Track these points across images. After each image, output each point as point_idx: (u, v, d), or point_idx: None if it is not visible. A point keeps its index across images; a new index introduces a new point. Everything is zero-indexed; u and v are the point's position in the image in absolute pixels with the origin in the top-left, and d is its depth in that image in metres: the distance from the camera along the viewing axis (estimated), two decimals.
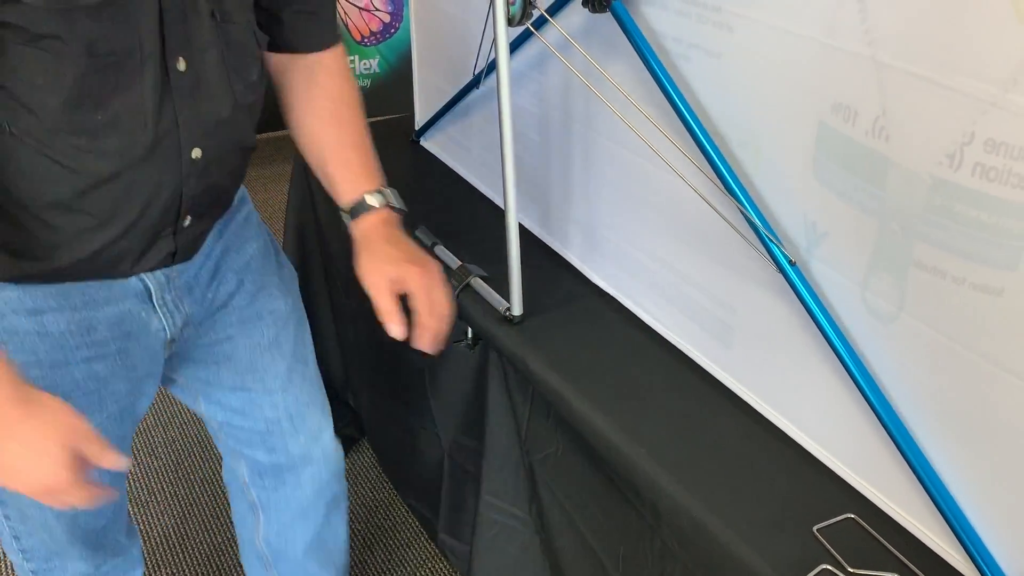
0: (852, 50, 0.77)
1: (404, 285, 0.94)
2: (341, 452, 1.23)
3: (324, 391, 1.20)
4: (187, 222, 0.91)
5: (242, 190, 1.06)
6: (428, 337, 0.94)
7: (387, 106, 1.81)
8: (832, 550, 0.87)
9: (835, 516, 0.91)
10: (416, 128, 1.78)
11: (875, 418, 0.88)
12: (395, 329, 0.93)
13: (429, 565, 1.73)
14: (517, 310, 1.21)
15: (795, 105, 0.86)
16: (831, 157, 0.84)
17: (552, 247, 1.41)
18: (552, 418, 1.19)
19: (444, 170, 1.73)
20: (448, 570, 1.73)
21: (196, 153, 0.86)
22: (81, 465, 0.75)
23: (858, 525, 0.91)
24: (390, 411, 1.72)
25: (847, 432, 0.94)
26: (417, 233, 1.43)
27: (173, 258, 0.93)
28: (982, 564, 0.81)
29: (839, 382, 0.91)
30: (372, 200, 0.99)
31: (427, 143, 1.75)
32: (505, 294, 1.22)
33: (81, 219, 0.83)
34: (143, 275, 0.92)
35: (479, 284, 1.29)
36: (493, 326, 1.23)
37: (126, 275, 0.91)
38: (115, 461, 0.78)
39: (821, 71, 0.81)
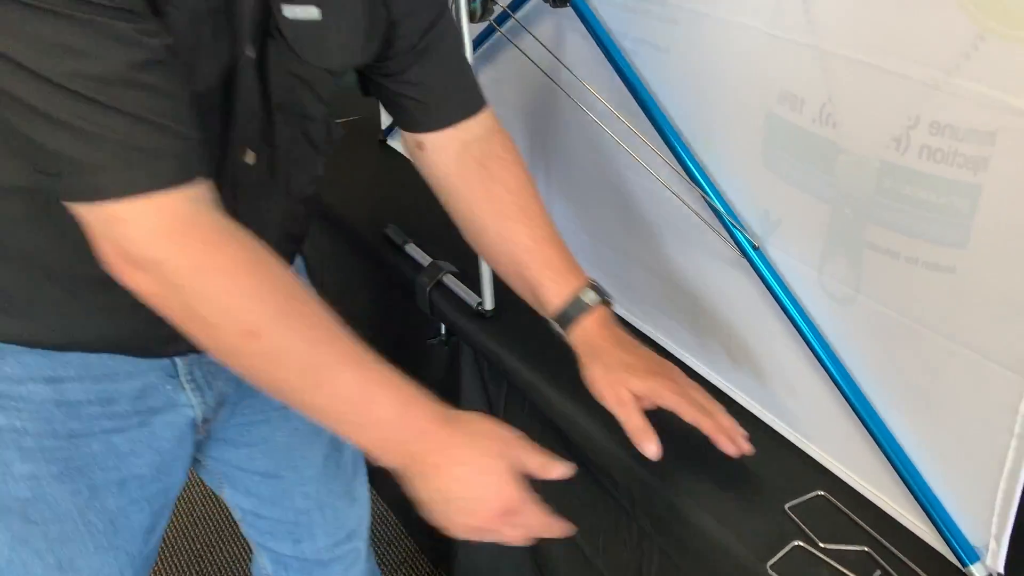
0: (796, 39, 0.79)
1: (655, 401, 0.84)
2: (372, 552, 1.16)
3: (363, 479, 1.12)
4: None
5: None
6: (728, 442, 0.84)
7: (353, 107, 1.82)
8: (804, 526, 0.89)
9: (805, 494, 0.93)
10: (383, 128, 1.79)
11: (840, 396, 0.90)
12: (652, 449, 0.82)
13: (411, 562, 1.74)
14: (489, 304, 1.22)
15: (743, 96, 0.87)
16: (781, 146, 0.85)
17: None
18: (527, 408, 1.20)
19: (412, 169, 1.74)
20: (429, 567, 1.74)
21: None
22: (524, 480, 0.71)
23: (828, 502, 0.93)
24: None
25: (814, 412, 0.96)
26: (387, 232, 1.44)
27: None
28: (947, 533, 0.84)
29: (805, 363, 0.93)
30: (587, 298, 0.87)
31: (395, 143, 1.76)
32: (477, 289, 1.24)
33: (125, 297, 0.76)
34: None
35: (451, 280, 1.30)
36: (466, 321, 1.24)
37: (156, 356, 0.84)
38: (561, 470, 0.75)
39: (766, 61, 0.83)
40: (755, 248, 0.93)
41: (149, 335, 0.79)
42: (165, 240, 0.64)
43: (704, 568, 0.94)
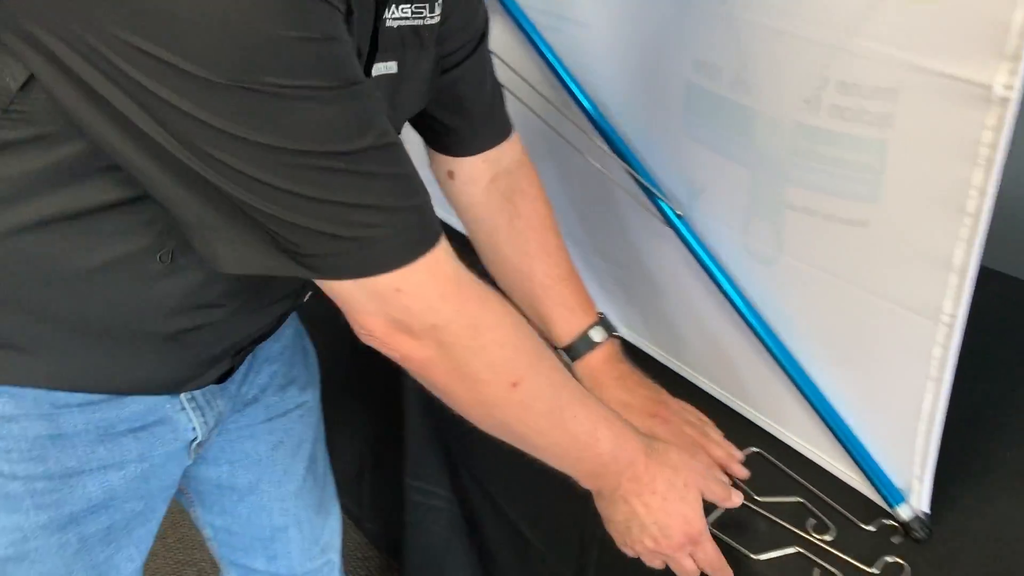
0: (709, 8, 0.81)
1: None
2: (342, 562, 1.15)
3: (333, 490, 1.11)
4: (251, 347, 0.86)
5: None
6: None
7: None
8: (740, 483, 0.92)
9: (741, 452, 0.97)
10: None
11: (769, 355, 0.93)
12: None
13: (362, 552, 1.74)
14: None
15: (661, 66, 0.90)
16: (700, 114, 0.88)
17: (452, 226, 1.42)
18: None
19: None
20: (379, 558, 1.74)
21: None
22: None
23: (763, 458, 0.96)
24: None
25: (745, 372, 0.99)
26: None
27: (222, 378, 0.84)
28: (874, 478, 0.87)
29: (732, 326, 0.96)
30: (595, 336, 0.94)
31: None
32: None
33: (181, 348, 0.76)
34: None
35: None
36: None
37: (171, 394, 0.81)
38: (739, 499, 0.81)
39: (681, 31, 0.85)
40: (679, 216, 0.95)
41: (180, 377, 0.79)
42: (444, 305, 0.64)
43: None
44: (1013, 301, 1.20)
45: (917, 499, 0.85)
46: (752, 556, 0.84)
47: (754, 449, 0.97)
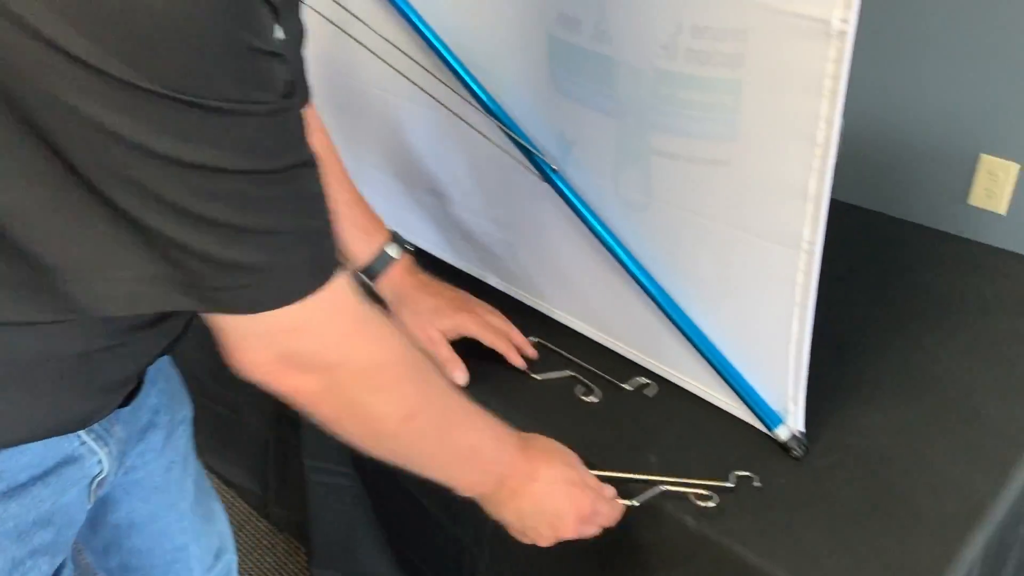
0: None
1: (460, 333, 0.95)
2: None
3: (214, 492, 1.05)
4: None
5: None
6: (516, 356, 0.99)
7: None
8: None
9: None
10: None
11: (649, 299, 0.96)
12: (460, 376, 0.96)
13: (267, 540, 1.71)
14: None
15: (524, 23, 0.91)
16: (565, 67, 0.89)
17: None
18: None
19: None
20: (285, 543, 1.72)
21: None
22: None
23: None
24: (211, 395, 1.67)
25: (629, 317, 1.02)
26: None
27: (128, 398, 0.78)
28: (753, 405, 0.92)
29: (614, 274, 0.99)
30: (392, 252, 0.96)
31: None
32: None
33: (95, 384, 0.70)
34: None
35: None
36: None
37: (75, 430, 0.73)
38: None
39: None
40: (555, 171, 0.97)
41: (88, 410, 0.72)
42: (343, 343, 0.60)
43: None
44: (867, 232, 1.28)
45: (793, 420, 0.91)
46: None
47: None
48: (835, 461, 0.89)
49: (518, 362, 1.00)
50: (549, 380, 1.02)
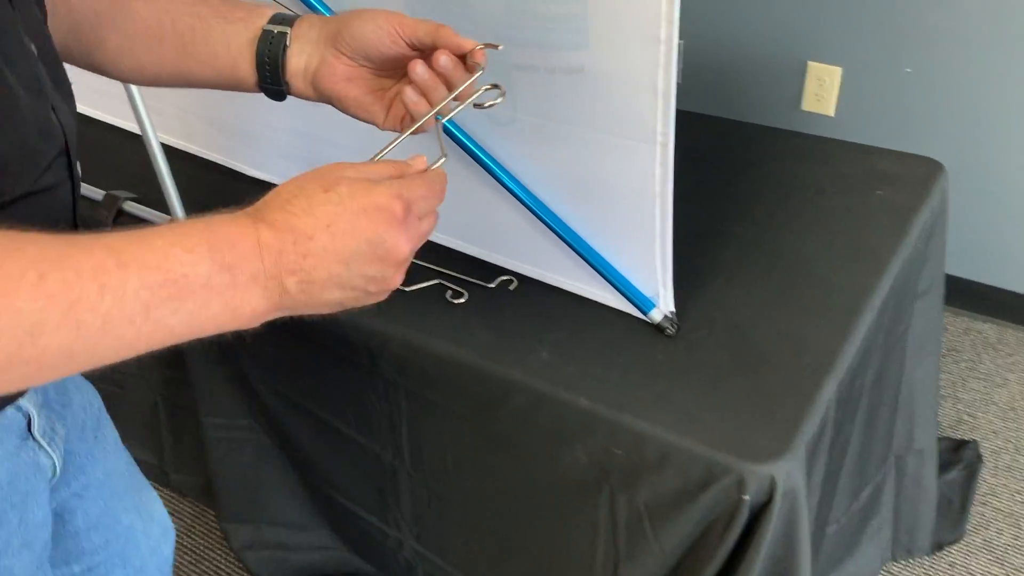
0: None
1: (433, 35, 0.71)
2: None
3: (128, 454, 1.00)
4: None
5: None
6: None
7: None
8: None
9: None
10: None
11: (527, 210, 1.02)
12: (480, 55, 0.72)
13: (171, 508, 1.70)
14: (181, 214, 1.20)
15: None
16: None
17: (197, 154, 1.39)
18: None
19: None
20: (191, 506, 1.71)
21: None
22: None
23: None
24: (91, 375, 1.63)
25: (510, 230, 1.08)
26: None
27: None
28: (628, 294, 1.01)
29: (491, 191, 1.04)
30: (277, 28, 0.72)
31: None
32: (164, 208, 1.21)
33: None
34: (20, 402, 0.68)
35: (135, 207, 1.26)
36: None
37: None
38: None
39: None
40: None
41: None
42: None
43: (452, 389, 1.04)
44: (717, 136, 1.39)
45: (664, 303, 0.99)
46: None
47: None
48: (704, 334, 0.99)
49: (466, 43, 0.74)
50: (419, 290, 1.08)
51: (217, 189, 1.33)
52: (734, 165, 1.29)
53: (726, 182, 1.25)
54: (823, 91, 1.97)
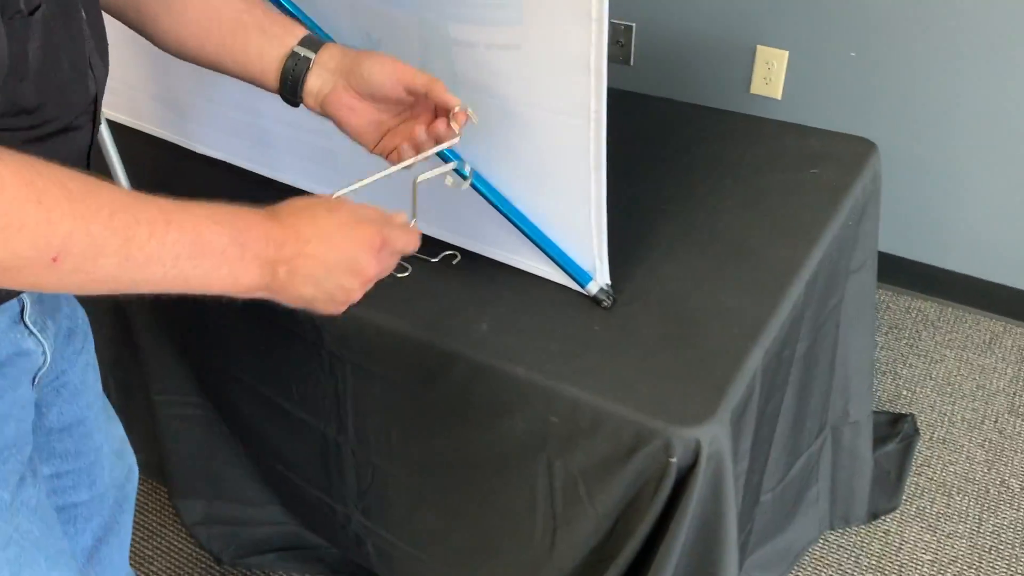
0: None
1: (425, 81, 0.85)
2: None
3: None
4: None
5: None
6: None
7: None
8: None
9: None
10: None
11: (469, 187, 1.04)
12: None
13: None
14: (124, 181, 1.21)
15: None
16: None
17: (145, 130, 1.40)
18: None
19: None
20: (143, 483, 1.72)
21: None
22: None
23: None
24: None
25: (451, 206, 1.10)
26: None
27: None
28: (567, 268, 1.03)
29: (427, 163, 1.06)
30: (304, 52, 0.86)
31: None
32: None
33: None
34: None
35: None
36: None
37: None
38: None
39: None
40: None
41: None
42: None
43: (395, 361, 1.06)
44: (662, 117, 1.42)
45: (601, 276, 1.02)
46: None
47: None
48: (639, 307, 1.02)
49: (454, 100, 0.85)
50: None
51: (164, 166, 1.34)
52: (676, 145, 1.32)
53: (667, 161, 1.28)
54: (771, 74, 2.01)
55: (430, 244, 1.13)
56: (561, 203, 1.00)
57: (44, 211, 0.55)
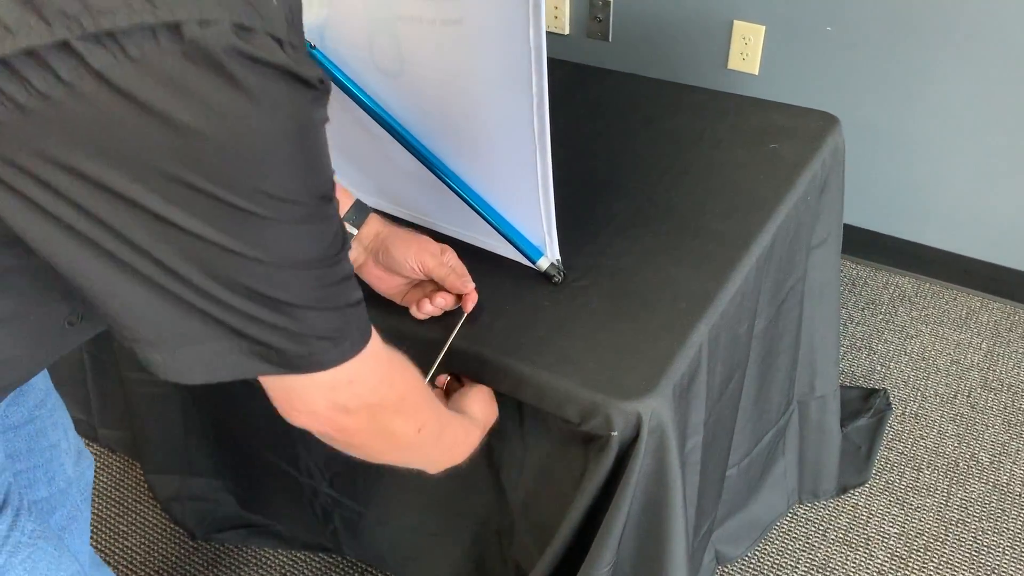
0: None
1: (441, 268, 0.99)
2: None
3: None
4: None
5: None
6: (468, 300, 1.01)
7: None
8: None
9: None
10: None
11: (421, 163, 1.05)
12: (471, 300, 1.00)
13: (100, 462, 1.72)
14: None
15: None
16: None
17: None
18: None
19: None
20: (118, 460, 1.73)
21: None
22: None
23: None
24: None
25: (392, 179, 1.10)
26: None
27: None
28: (519, 244, 1.03)
29: (382, 141, 1.06)
30: (357, 216, 0.98)
31: None
32: None
33: None
34: None
35: None
36: None
37: None
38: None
39: None
40: (313, 47, 1.02)
41: None
42: (382, 386, 0.70)
43: None
44: (623, 92, 1.41)
45: (551, 251, 1.03)
46: None
47: None
48: (589, 282, 1.02)
49: (462, 289, 1.00)
50: None
51: None
52: (637, 121, 1.32)
53: (627, 137, 1.28)
54: (748, 50, 2.00)
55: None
56: (509, 178, 1.00)
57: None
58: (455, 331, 0.97)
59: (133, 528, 1.63)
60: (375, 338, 0.68)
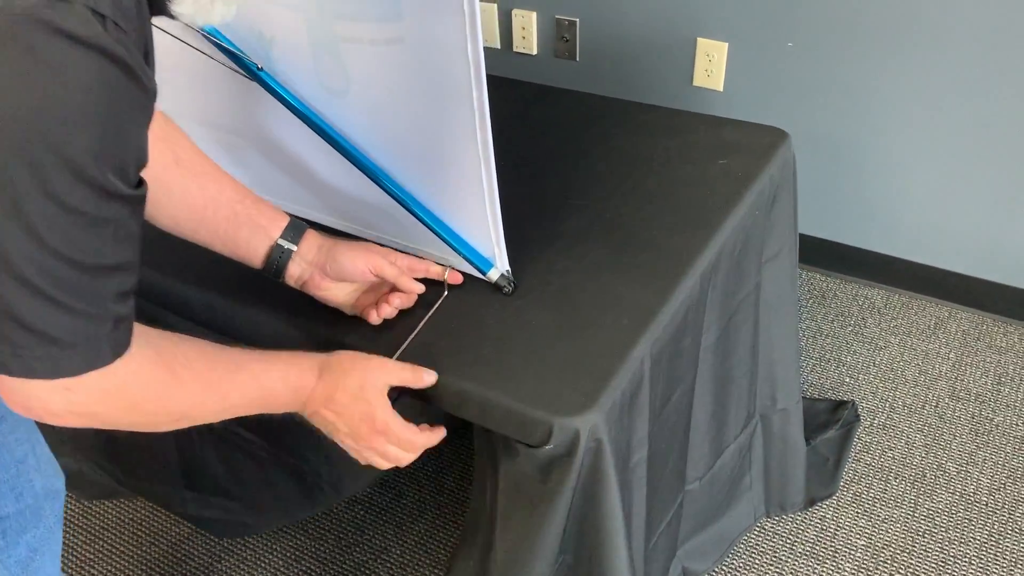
0: None
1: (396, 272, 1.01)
2: None
3: None
4: None
5: None
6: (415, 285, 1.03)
7: None
8: None
9: None
10: None
11: (370, 180, 1.05)
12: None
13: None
14: None
15: None
16: None
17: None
18: None
19: None
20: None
21: None
22: None
23: None
24: None
25: (345, 197, 1.11)
26: None
27: None
28: (469, 257, 1.04)
29: (333, 159, 1.07)
30: (290, 237, 0.99)
31: None
32: None
33: None
34: None
35: None
36: None
37: None
38: (432, 378, 0.93)
39: None
40: (260, 68, 1.04)
41: None
42: (107, 399, 0.70)
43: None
44: (578, 112, 1.42)
45: (501, 262, 1.03)
46: None
47: None
48: (535, 298, 1.03)
49: (416, 288, 1.04)
50: None
51: None
52: (590, 139, 1.33)
53: (579, 156, 1.29)
54: (712, 66, 2.02)
55: (331, 235, 1.13)
56: (456, 192, 1.01)
57: (186, 394, 0.79)
58: (434, 307, 1.01)
59: (99, 556, 1.62)
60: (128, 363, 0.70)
